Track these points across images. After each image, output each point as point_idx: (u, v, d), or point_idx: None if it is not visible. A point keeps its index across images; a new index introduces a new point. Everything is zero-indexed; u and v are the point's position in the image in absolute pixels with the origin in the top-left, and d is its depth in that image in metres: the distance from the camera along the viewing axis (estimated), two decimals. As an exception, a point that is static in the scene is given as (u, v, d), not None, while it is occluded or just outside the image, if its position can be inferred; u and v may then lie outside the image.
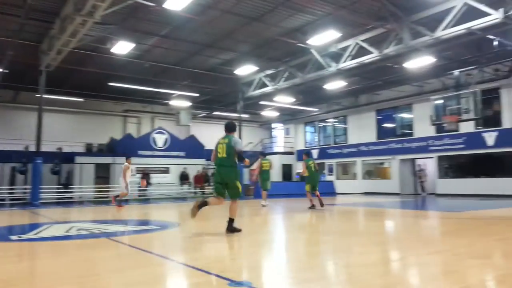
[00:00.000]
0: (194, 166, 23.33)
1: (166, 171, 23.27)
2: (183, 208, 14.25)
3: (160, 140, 23.54)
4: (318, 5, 12.44)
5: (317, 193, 12.03)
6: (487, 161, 19.88)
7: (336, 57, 16.74)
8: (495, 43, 14.77)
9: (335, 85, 20.88)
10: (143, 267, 4.30)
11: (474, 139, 19.95)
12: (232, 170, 6.68)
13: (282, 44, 16.68)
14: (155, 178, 22.10)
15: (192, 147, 24.82)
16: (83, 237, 6.69)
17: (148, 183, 20.83)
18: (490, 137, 19.45)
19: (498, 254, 5.02)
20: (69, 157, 20.44)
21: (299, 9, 13.21)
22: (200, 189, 22.57)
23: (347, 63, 16.11)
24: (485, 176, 19.55)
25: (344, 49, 16.03)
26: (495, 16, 11.56)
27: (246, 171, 24.08)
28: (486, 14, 11.78)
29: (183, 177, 22.80)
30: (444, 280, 3.77)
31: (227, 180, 6.65)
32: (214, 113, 28.49)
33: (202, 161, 24.41)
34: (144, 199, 20.07)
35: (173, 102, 24.70)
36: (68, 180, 19.95)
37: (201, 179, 22.78)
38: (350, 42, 15.59)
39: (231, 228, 6.66)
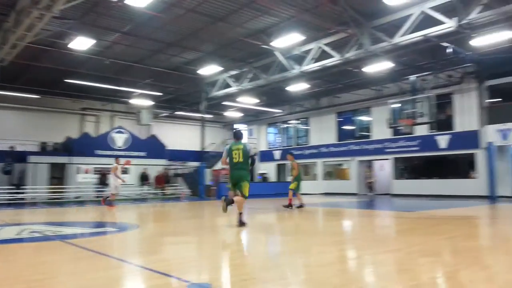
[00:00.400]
0: (155, 167, 22.91)
1: (125, 171, 22.66)
2: (143, 209, 13.97)
3: (119, 139, 22.92)
4: (282, 8, 12.58)
5: (298, 193, 12.44)
6: (440, 163, 20.88)
7: (299, 59, 16.99)
8: (449, 50, 15.52)
9: (298, 87, 21.18)
10: (99, 271, 4.17)
11: (428, 142, 20.88)
12: (247, 173, 7.79)
13: (246, 45, 16.73)
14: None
15: (154, 147, 24.36)
16: (36, 239, 6.41)
17: (105, 184, 20.21)
18: (442, 140, 20.43)
19: (448, 252, 5.28)
20: (22, 156, 19.51)
21: (264, 11, 13.30)
22: (161, 190, 22.19)
23: (310, 66, 16.40)
24: (438, 177, 20.52)
25: (307, 52, 16.30)
26: (449, 24, 12.16)
27: (208, 171, 23.96)
28: (441, 23, 12.36)
29: (144, 178, 22.32)
30: (397, 278, 3.92)
31: (242, 180, 7.63)
32: (177, 113, 28.13)
33: (163, 162, 24.01)
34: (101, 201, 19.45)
35: (134, 101, 24.15)
36: (21, 180, 19.03)
37: (162, 180, 22.41)
38: (313, 45, 15.88)
39: (242, 222, 7.58)
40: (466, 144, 19.48)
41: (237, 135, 7.96)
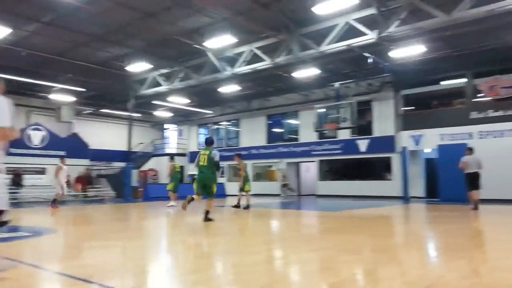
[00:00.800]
0: (77, 167, 21.55)
1: (42, 171, 21.07)
2: (62, 212, 13.08)
3: (36, 137, 21.23)
4: (216, 9, 12.54)
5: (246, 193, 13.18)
6: (360, 165, 22.26)
7: (232, 61, 17.08)
8: (370, 60, 16.63)
9: (229, 89, 21.27)
10: (10, 279, 3.82)
11: (350, 146, 22.15)
12: (212, 176, 8.76)
13: (178, 44, 16.41)
14: (28, 179, 19.86)
15: (75, 146, 22.92)
16: None
17: (20, 185, 18.60)
18: (363, 144, 21.79)
19: (368, 250, 5.64)
20: None
21: (197, 10, 13.15)
22: (83, 192, 20.93)
23: (242, 68, 16.55)
24: (358, 179, 21.84)
25: (239, 54, 16.44)
26: (370, 36, 13.02)
27: (135, 172, 23.11)
28: (364, 34, 13.19)
29: (63, 179, 20.89)
30: (321, 276, 4.10)
31: (207, 183, 8.70)
32: (102, 110, 26.75)
33: (85, 162, 22.70)
34: (14, 203, 17.86)
35: (54, 96, 22.50)
36: None
37: (84, 181, 21.15)
38: (245, 48, 16.05)
39: (207, 218, 8.57)
40: (383, 148, 20.98)
41: (207, 141, 9.14)
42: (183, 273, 4.26)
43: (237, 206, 12.72)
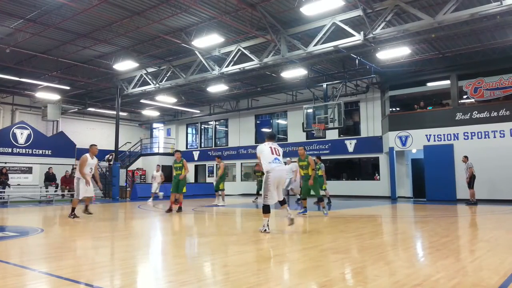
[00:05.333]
0: (62, 166, 21.24)
1: (28, 171, 20.71)
2: (48, 212, 12.90)
3: (21, 136, 20.87)
4: (203, 8, 12.49)
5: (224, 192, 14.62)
6: (348, 165, 22.45)
7: (220, 61, 17.05)
8: (357, 61, 16.78)
9: (217, 89, 21.25)
10: (-4, 281, 3.76)
11: (338, 146, 22.32)
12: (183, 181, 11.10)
13: (165, 43, 16.32)
14: (14, 178, 19.50)
15: (61, 145, 22.58)
16: None
17: (6, 184, 18.26)
18: (350, 144, 21.98)
19: (356, 249, 5.69)
20: None
21: (184, 9, 13.09)
22: (69, 191, 20.62)
23: (230, 68, 16.53)
24: (346, 179, 22.01)
25: (227, 54, 16.42)
26: (357, 37, 13.13)
27: (123, 172, 22.89)
28: (351, 35, 13.30)
29: (49, 178, 20.55)
30: (310, 275, 4.12)
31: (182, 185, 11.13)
32: (89, 109, 26.43)
33: (72, 161, 22.37)
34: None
35: (40, 94, 22.18)
36: None
37: (70, 180, 20.82)
38: (233, 48, 16.04)
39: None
40: (370, 148, 21.20)
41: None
42: (170, 273, 4.25)
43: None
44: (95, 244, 6.25)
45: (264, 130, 26.65)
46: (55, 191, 20.09)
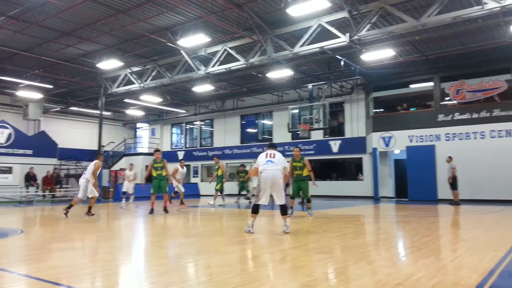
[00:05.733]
0: (44, 166, 20.86)
1: (8, 171, 20.26)
2: (28, 213, 12.66)
3: (1, 135, 20.39)
4: (189, 7, 12.42)
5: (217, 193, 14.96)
6: (333, 166, 22.61)
7: (206, 61, 16.98)
8: (342, 63, 16.93)
9: (203, 89, 21.16)
10: (-27, 284, 3.67)
11: (322, 146, 22.46)
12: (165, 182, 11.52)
13: (150, 42, 16.17)
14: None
15: (42, 145, 22.17)
16: None
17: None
18: (335, 145, 22.15)
19: (339, 249, 5.74)
20: None
21: (170, 8, 13.00)
22: (50, 192, 20.27)
23: (216, 68, 16.48)
24: (331, 179, 22.17)
25: (213, 54, 16.36)
26: (342, 39, 13.25)
27: (106, 172, 22.60)
28: (336, 37, 13.41)
29: (29, 178, 20.15)
30: (294, 275, 4.14)
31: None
32: (71, 108, 26.03)
33: (53, 161, 22.01)
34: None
35: (21, 93, 21.73)
36: None
37: (52, 181, 20.48)
38: (219, 47, 15.99)
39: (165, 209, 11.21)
40: (354, 149, 21.40)
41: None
42: (153, 274, 4.21)
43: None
44: (76, 245, 6.16)
45: (249, 130, 26.70)
46: (36, 191, 19.72)
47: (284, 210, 7.11)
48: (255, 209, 7.01)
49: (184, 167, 15.64)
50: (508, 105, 16.53)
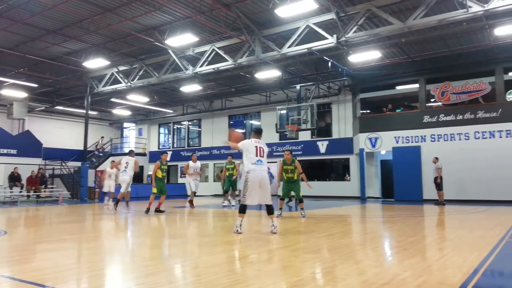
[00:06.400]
0: (29, 166, 20.52)
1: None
2: (12, 213, 12.44)
3: (-16, 134, 20.04)
4: (177, 7, 12.36)
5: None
6: (320, 166, 22.73)
7: (194, 60, 16.92)
8: (329, 64, 17.03)
9: (191, 88, 21.08)
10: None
11: (310, 147, 22.57)
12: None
13: (138, 41, 16.04)
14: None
15: (27, 144, 21.82)
16: None
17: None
18: (322, 145, 22.28)
19: (326, 249, 5.77)
20: None
21: (158, 7, 12.91)
22: (35, 192, 19.95)
23: (204, 68, 16.43)
24: (319, 180, 22.28)
25: (201, 54, 16.31)
26: (330, 40, 13.34)
27: (91, 172, 22.33)
28: (324, 38, 13.49)
29: (14, 178, 19.80)
30: (282, 275, 4.15)
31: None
32: (57, 107, 25.66)
33: (38, 161, 21.67)
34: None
35: (5, 92, 21.35)
36: None
37: (36, 181, 20.16)
38: (207, 47, 15.95)
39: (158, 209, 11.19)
40: (342, 150, 21.56)
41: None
42: (140, 275, 4.18)
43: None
44: (62, 246, 6.07)
45: (237, 130, 26.63)
46: (20, 192, 19.39)
47: (270, 210, 7.12)
48: (242, 209, 6.99)
49: (198, 162, 13.96)
50: (492, 107, 16.86)
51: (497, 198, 15.84)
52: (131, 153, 12.79)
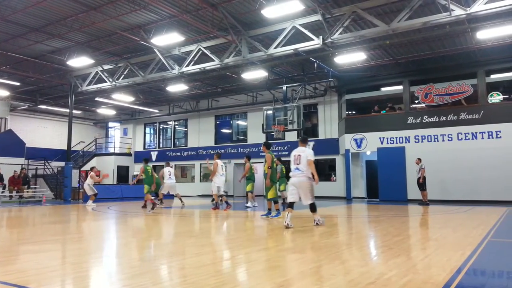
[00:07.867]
0: (11, 166, 20.12)
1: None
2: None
3: (-36, 133, 19.56)
4: (163, 5, 12.27)
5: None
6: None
7: (180, 60, 16.82)
8: (315, 65, 17.14)
9: (177, 88, 20.96)
10: None
11: (297, 147, 22.58)
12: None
13: (123, 39, 15.88)
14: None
15: (9, 144, 21.41)
16: None
17: None
18: (309, 146, 22.33)
19: (313, 249, 5.80)
20: None
21: (143, 5, 12.80)
22: (17, 192, 19.57)
23: (190, 68, 16.35)
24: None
25: (188, 53, 16.22)
26: (316, 41, 13.42)
27: (75, 172, 22.00)
28: (310, 39, 13.57)
29: (-5, 179, 19.41)
30: (269, 275, 4.16)
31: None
32: (40, 106, 25.21)
33: (21, 160, 21.27)
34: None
35: (-15, 90, 20.92)
36: None
37: (19, 181, 19.78)
38: (194, 47, 15.88)
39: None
40: (328, 150, 21.70)
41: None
42: (125, 276, 4.13)
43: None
44: (45, 248, 5.96)
45: (223, 130, 26.61)
46: (2, 192, 19.00)
47: (312, 208, 8.58)
48: (290, 205, 8.41)
49: (219, 160, 13.12)
50: (474, 109, 17.19)
51: (480, 198, 16.17)
52: (169, 163, 16.22)
